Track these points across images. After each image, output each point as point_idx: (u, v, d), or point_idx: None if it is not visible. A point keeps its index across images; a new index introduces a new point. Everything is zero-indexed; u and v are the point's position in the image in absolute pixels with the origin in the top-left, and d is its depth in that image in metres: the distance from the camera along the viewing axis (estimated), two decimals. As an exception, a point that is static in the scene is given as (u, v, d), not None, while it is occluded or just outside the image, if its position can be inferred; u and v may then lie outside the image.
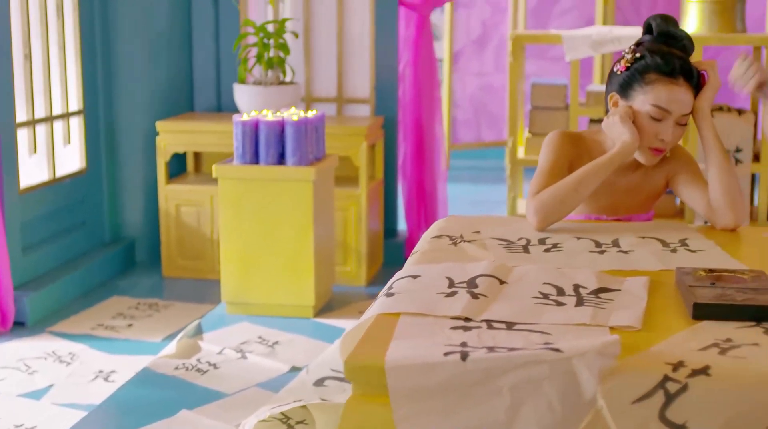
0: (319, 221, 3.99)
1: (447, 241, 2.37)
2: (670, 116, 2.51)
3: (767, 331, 1.74)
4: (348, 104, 5.11)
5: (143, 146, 4.90)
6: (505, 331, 1.74)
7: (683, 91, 2.50)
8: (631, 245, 2.32)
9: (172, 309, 4.33)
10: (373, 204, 4.75)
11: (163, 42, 4.95)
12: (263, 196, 3.92)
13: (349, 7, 5.08)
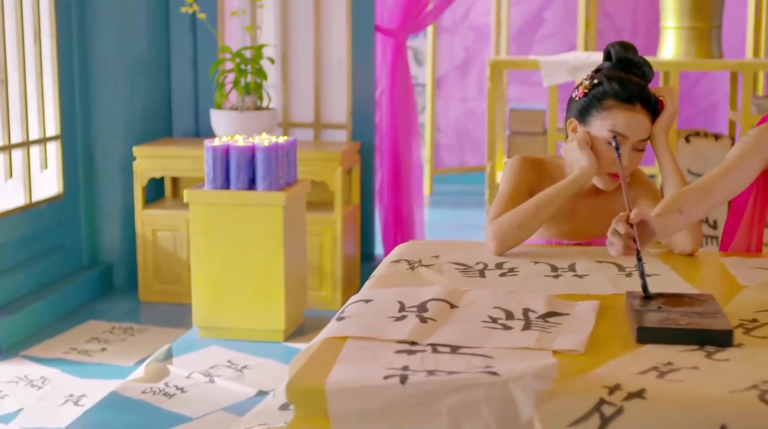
0: (290, 246, 4.01)
1: (405, 265, 2.38)
2: (627, 141, 2.53)
3: (709, 354, 1.75)
4: (325, 129, 5.14)
5: (121, 171, 4.91)
6: (448, 355, 1.75)
7: (640, 117, 2.53)
8: (587, 270, 2.34)
9: (147, 333, 4.33)
10: (349, 228, 4.76)
11: (141, 67, 4.98)
12: (234, 221, 3.94)
13: (326, 33, 5.12)
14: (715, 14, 5.51)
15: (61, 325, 4.48)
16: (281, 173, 3.90)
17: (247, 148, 3.85)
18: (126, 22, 4.88)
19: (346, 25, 5.02)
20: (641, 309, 1.91)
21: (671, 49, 5.55)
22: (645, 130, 2.54)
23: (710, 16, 5.49)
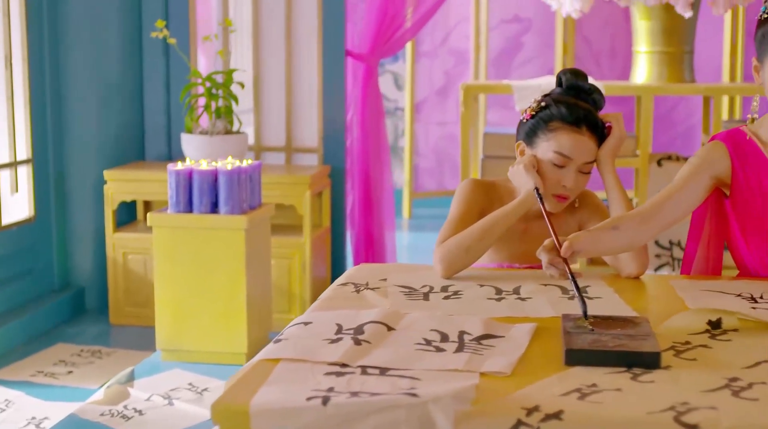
0: (253, 269, 4.03)
1: (351, 288, 2.40)
2: (572, 163, 2.56)
3: (635, 376, 1.77)
4: (297, 153, 5.17)
5: (93, 194, 4.93)
6: (376, 377, 1.76)
7: (586, 140, 2.56)
8: (531, 293, 2.36)
9: (115, 356, 4.34)
10: (319, 252, 4.79)
11: (113, 91, 5.01)
12: (197, 244, 3.96)
13: (298, 57, 5.16)
14: (687, 39, 5.56)
15: (30, 348, 4.49)
16: (244, 197, 3.92)
17: (210, 172, 3.88)
18: (99, 46, 4.91)
19: (317, 49, 5.06)
20: (573, 331, 1.93)
21: (643, 73, 5.60)
22: (590, 154, 2.57)
23: (682, 41, 5.54)
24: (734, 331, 2.05)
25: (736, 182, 2.54)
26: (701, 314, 2.17)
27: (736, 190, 2.55)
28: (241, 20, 5.29)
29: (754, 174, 2.52)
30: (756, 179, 2.52)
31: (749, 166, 2.53)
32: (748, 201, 2.53)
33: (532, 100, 2.67)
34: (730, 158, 2.53)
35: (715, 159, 2.53)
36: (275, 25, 5.17)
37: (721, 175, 2.55)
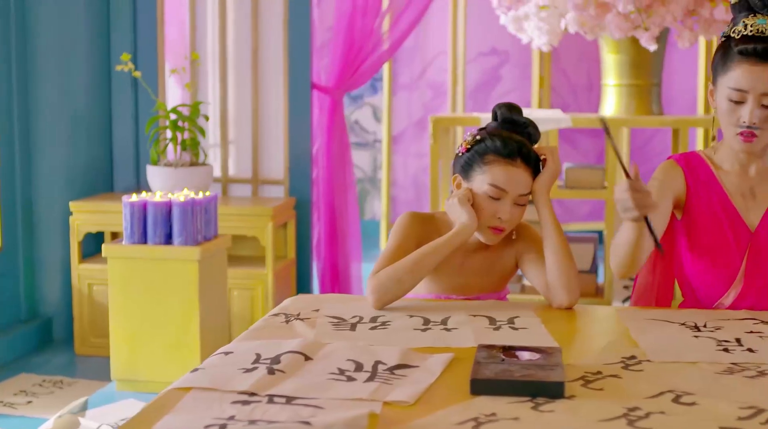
0: (207, 299, 4.05)
1: (282, 318, 2.43)
2: (507, 196, 2.59)
3: (536, 406, 1.79)
4: (263, 185, 5.21)
5: (60, 225, 4.96)
6: (280, 406, 1.79)
7: (520, 172, 2.59)
8: (458, 323, 2.38)
9: (76, 386, 4.36)
10: (283, 283, 4.82)
11: (82, 123, 5.05)
12: (151, 275, 3.99)
13: (264, 89, 5.21)
14: (655, 72, 5.61)
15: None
16: (198, 228, 3.96)
17: (164, 203, 3.92)
18: (67, 78, 4.96)
19: (283, 82, 5.10)
20: (483, 361, 1.96)
21: (612, 105, 5.65)
22: (525, 186, 2.60)
23: (650, 73, 5.59)
24: (648, 361, 2.08)
25: (689, 205, 2.58)
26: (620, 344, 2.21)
27: (688, 212, 2.59)
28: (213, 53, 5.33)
29: (706, 198, 2.57)
30: (708, 203, 2.56)
31: (702, 189, 2.57)
32: (698, 224, 2.57)
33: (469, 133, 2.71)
34: (685, 180, 2.58)
35: (673, 180, 2.58)
36: (242, 57, 5.22)
37: (678, 196, 2.60)
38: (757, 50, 2.39)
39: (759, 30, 2.42)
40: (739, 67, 2.42)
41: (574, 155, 7.72)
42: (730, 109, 2.45)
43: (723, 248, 2.54)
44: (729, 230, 2.54)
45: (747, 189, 2.56)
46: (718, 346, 2.19)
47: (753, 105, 2.42)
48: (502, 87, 7.72)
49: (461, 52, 7.50)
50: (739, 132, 2.45)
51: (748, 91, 2.41)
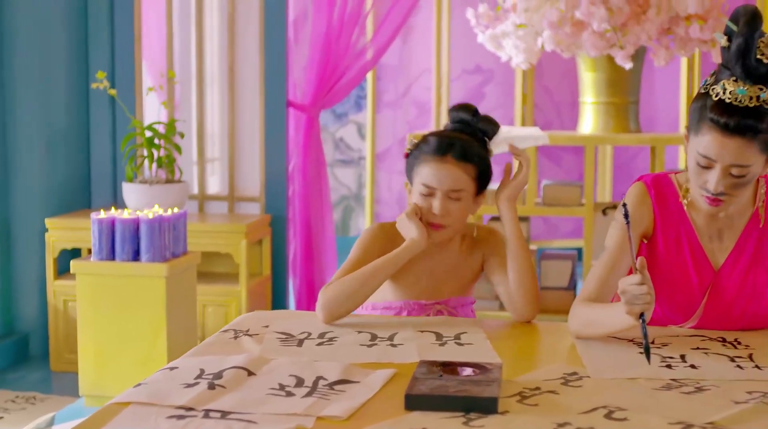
0: (175, 316, 4.07)
1: (231, 334, 2.45)
2: (437, 191, 2.62)
3: (468, 421, 1.81)
4: (240, 202, 5.23)
5: (37, 242, 4.98)
6: (215, 420, 1.81)
7: (449, 168, 2.62)
8: (405, 339, 2.40)
9: (48, 402, 4.37)
10: (258, 300, 4.84)
11: (60, 140, 5.07)
12: (119, 292, 4.01)
13: (241, 107, 5.25)
14: (632, 90, 5.65)
15: (-33, 394, 4.52)
16: (166, 245, 3.98)
17: (132, 220, 3.94)
18: (45, 95, 4.98)
19: (259, 100, 5.13)
20: (420, 377, 1.98)
21: (589, 123, 5.68)
22: (455, 181, 2.62)
23: (627, 91, 5.63)
24: (588, 378, 2.10)
25: (655, 233, 2.55)
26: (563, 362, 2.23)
27: (654, 240, 2.56)
28: (190, 71, 5.37)
29: (674, 231, 2.53)
30: (675, 237, 2.53)
31: (671, 221, 2.54)
32: (663, 256, 2.53)
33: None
34: (653, 207, 2.54)
35: (641, 216, 2.52)
36: (219, 75, 5.26)
37: (646, 228, 2.56)
38: (728, 125, 2.29)
39: (737, 99, 2.30)
40: (709, 134, 2.32)
41: (557, 172, 7.75)
42: (697, 171, 2.37)
43: (685, 284, 2.52)
44: (693, 268, 2.51)
45: (715, 231, 2.52)
46: (662, 363, 2.20)
47: (720, 175, 2.34)
48: (486, 105, 7.74)
49: (445, 70, 7.53)
50: (707, 197, 2.38)
51: (716, 161, 2.32)
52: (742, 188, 2.37)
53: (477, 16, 5.68)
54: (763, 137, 2.31)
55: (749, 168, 2.33)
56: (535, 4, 5.37)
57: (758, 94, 2.30)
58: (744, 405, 1.91)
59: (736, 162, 2.32)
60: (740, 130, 2.29)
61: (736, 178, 2.34)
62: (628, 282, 2.16)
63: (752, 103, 2.30)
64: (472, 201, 2.68)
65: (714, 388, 2.02)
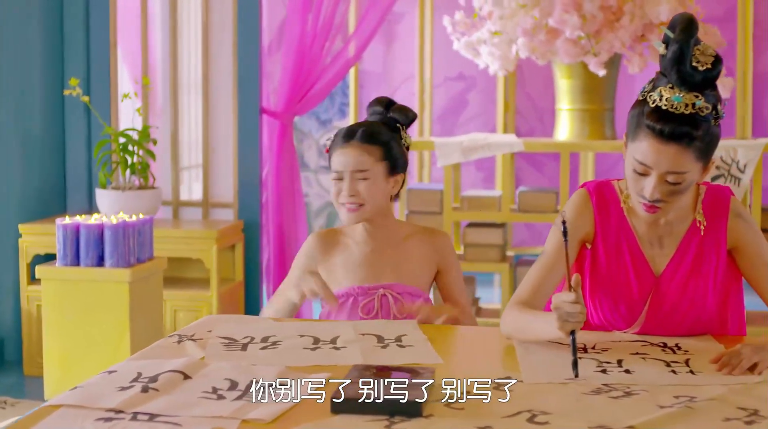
0: (140, 321, 4.10)
1: (176, 339, 2.47)
2: (346, 174, 2.79)
3: (390, 425, 1.84)
4: (214, 208, 5.27)
5: (12, 247, 5.01)
6: (141, 423, 1.84)
7: (352, 150, 2.78)
8: (347, 342, 2.43)
9: (19, 407, 4.39)
10: (230, 305, 4.87)
11: (35, 146, 5.10)
12: (83, 297, 4.05)
13: (215, 114, 5.29)
14: (607, 97, 5.68)
15: (-59, 399, 4.54)
16: (131, 251, 4.01)
17: (96, 226, 3.98)
18: (20, 102, 5.01)
19: (232, 107, 5.17)
20: (350, 380, 2.00)
21: (566, 130, 5.71)
22: (359, 162, 2.77)
23: (602, 98, 5.66)
24: (521, 382, 2.12)
25: (596, 240, 2.57)
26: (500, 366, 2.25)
27: (595, 247, 2.58)
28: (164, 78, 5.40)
29: (615, 238, 2.56)
30: (616, 244, 2.56)
31: (612, 228, 2.56)
32: (604, 263, 2.56)
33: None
34: (594, 214, 2.56)
35: (580, 221, 2.55)
36: (193, 82, 5.29)
37: (586, 234, 2.58)
38: (664, 132, 2.31)
39: (673, 106, 2.32)
40: (646, 140, 2.34)
41: (539, 179, 7.78)
42: (634, 178, 2.39)
43: (626, 291, 2.54)
44: (634, 274, 2.53)
45: (656, 238, 2.55)
46: (597, 368, 2.22)
47: (656, 181, 2.36)
48: (468, 112, 7.78)
49: (428, 77, 7.55)
50: (644, 204, 2.41)
51: (652, 167, 2.34)
52: (678, 195, 2.40)
53: (453, 23, 5.72)
54: (698, 145, 2.34)
55: (685, 175, 2.36)
56: (509, 12, 5.40)
57: (694, 101, 2.33)
58: (668, 409, 1.93)
59: (672, 169, 2.34)
60: (676, 137, 2.31)
61: (673, 185, 2.37)
62: (562, 299, 2.17)
63: (688, 110, 2.32)
64: (384, 181, 2.80)
65: (643, 392, 2.04)
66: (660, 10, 5.21)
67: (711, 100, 2.36)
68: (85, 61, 5.19)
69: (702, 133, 2.34)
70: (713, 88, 2.38)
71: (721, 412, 1.91)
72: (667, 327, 2.54)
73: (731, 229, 2.54)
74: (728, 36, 7.08)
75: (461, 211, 5.52)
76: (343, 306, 2.80)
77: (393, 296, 2.80)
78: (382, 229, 2.87)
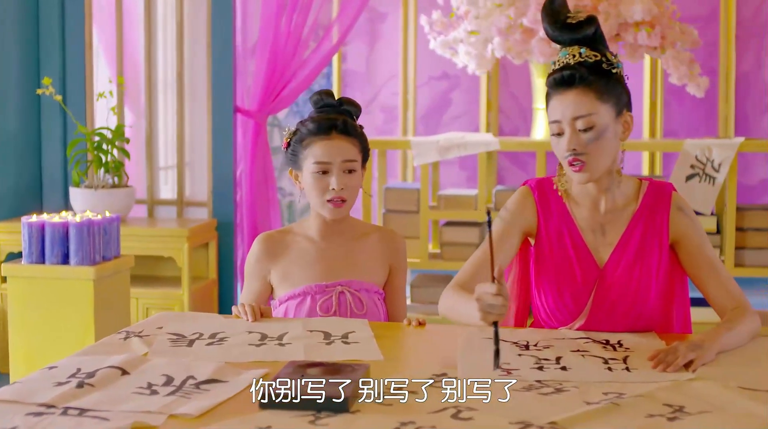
0: (106, 318, 4.12)
1: (123, 336, 2.50)
2: (332, 167, 2.74)
3: (315, 420, 1.86)
4: (188, 207, 5.29)
5: (-13, 245, 5.04)
6: (70, 418, 1.87)
7: (338, 143, 2.74)
8: (293, 338, 2.45)
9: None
10: (204, 303, 4.90)
11: (11, 144, 5.12)
12: (49, 294, 4.07)
13: (189, 113, 5.32)
14: (584, 97, 5.68)
15: None
16: (96, 248, 4.04)
17: (61, 224, 4.00)
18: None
19: (207, 106, 5.19)
20: (282, 377, 2.02)
21: (542, 129, 5.73)
22: (346, 153, 2.74)
23: (579, 99, 5.67)
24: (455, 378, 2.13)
25: (539, 235, 2.63)
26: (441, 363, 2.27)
27: (539, 242, 2.63)
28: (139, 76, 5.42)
29: (555, 226, 2.61)
30: (558, 237, 2.60)
31: (552, 217, 2.61)
32: (548, 256, 2.61)
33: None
34: (536, 208, 2.62)
35: (523, 213, 2.62)
36: (168, 81, 5.32)
37: (529, 227, 2.64)
38: (556, 80, 2.47)
39: (560, 61, 2.49)
40: (550, 101, 2.50)
41: (523, 178, 7.78)
42: (556, 141, 2.50)
43: (571, 282, 2.58)
44: (578, 266, 2.57)
45: (598, 226, 2.59)
46: (535, 365, 2.24)
47: (570, 132, 2.45)
48: (452, 111, 7.80)
49: (412, 77, 7.58)
50: (569, 161, 2.48)
51: (561, 120, 2.46)
52: (596, 143, 2.47)
53: (430, 22, 5.74)
54: (596, 86, 2.45)
55: (592, 118, 2.45)
56: (485, 12, 5.42)
57: (578, 51, 2.48)
58: (594, 405, 1.95)
59: (576, 113, 2.45)
60: (568, 81, 2.45)
61: (585, 131, 2.45)
62: (484, 290, 2.19)
63: (574, 59, 2.47)
64: (362, 174, 2.81)
65: (573, 389, 2.06)
66: (634, 10, 5.23)
67: (599, 51, 2.49)
68: (61, 61, 5.21)
69: (595, 76, 2.46)
70: (599, 43, 2.51)
71: (645, 409, 1.93)
72: (611, 320, 2.57)
73: (673, 222, 2.59)
74: (711, 36, 7.11)
75: (438, 210, 5.54)
76: (300, 305, 2.80)
77: (351, 293, 2.81)
78: (337, 225, 2.85)
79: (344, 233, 2.87)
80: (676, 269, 2.64)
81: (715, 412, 1.92)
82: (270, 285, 2.87)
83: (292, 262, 2.85)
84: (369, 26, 7.65)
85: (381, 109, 7.87)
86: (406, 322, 2.66)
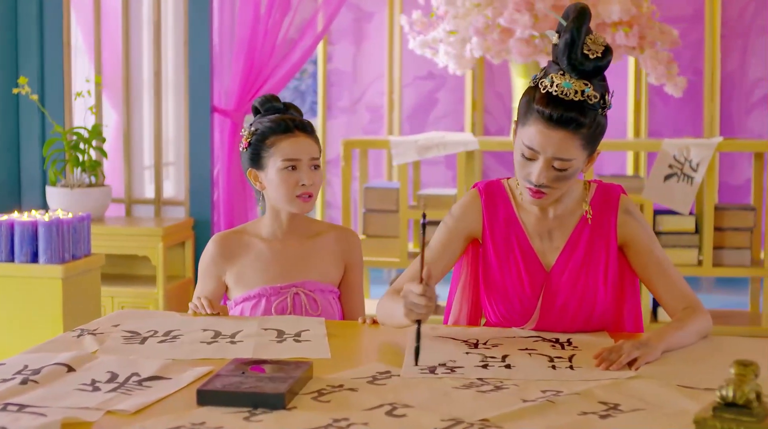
0: (75, 317, 4.13)
1: (77, 333, 2.52)
2: (301, 163, 2.79)
3: (250, 416, 1.88)
4: (166, 206, 5.31)
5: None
6: (8, 413, 1.89)
7: (302, 140, 2.81)
8: (246, 336, 2.47)
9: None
10: (177, 301, 4.92)
11: (-10, 144, 5.16)
12: (17, 292, 4.08)
13: (166, 112, 5.34)
14: (564, 97, 5.70)
15: None
16: (65, 247, 4.06)
17: (30, 223, 4.03)
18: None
19: (183, 105, 5.21)
20: (223, 374, 2.05)
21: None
22: (311, 150, 2.82)
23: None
24: (397, 376, 2.16)
25: (485, 239, 2.63)
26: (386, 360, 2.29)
27: (484, 244, 2.63)
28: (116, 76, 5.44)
29: (504, 235, 2.61)
30: (506, 241, 2.60)
31: (501, 226, 2.61)
32: (494, 261, 2.61)
33: (243, 130, 2.86)
34: (483, 212, 2.62)
35: (466, 219, 2.63)
36: (145, 80, 5.34)
37: (473, 232, 2.64)
38: (552, 116, 2.36)
39: (562, 92, 2.38)
40: (534, 126, 2.40)
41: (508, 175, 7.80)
42: (522, 163, 2.45)
43: (519, 287, 2.58)
44: (525, 270, 2.58)
45: (545, 231, 2.59)
46: (480, 363, 2.26)
47: (543, 166, 2.41)
48: (438, 110, 7.82)
49: (397, 76, 7.60)
50: (530, 189, 2.46)
51: (539, 151, 2.39)
52: (563, 181, 2.45)
53: (410, 22, 5.76)
54: (585, 132, 2.40)
55: (571, 162, 2.41)
56: (463, 11, 5.43)
57: (583, 88, 2.39)
58: (530, 403, 1.96)
59: (558, 155, 2.40)
60: (564, 122, 2.37)
61: (558, 171, 2.42)
62: (410, 289, 2.23)
63: (577, 96, 2.38)
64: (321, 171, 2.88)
65: (513, 387, 2.08)
66: (612, 10, 5.25)
67: (599, 90, 2.42)
68: (39, 60, 5.23)
69: (589, 121, 2.40)
70: (602, 79, 2.45)
71: (579, 407, 1.95)
72: (560, 323, 2.58)
73: (620, 225, 2.59)
74: (696, 36, 7.13)
75: (418, 209, 5.56)
76: (255, 307, 2.83)
77: (305, 294, 2.83)
78: (293, 224, 2.88)
79: (300, 232, 2.89)
80: (627, 271, 2.65)
81: (649, 409, 1.94)
82: (224, 285, 2.89)
83: (247, 263, 2.87)
84: (355, 26, 7.68)
85: (367, 108, 7.89)
86: (361, 321, 2.68)
